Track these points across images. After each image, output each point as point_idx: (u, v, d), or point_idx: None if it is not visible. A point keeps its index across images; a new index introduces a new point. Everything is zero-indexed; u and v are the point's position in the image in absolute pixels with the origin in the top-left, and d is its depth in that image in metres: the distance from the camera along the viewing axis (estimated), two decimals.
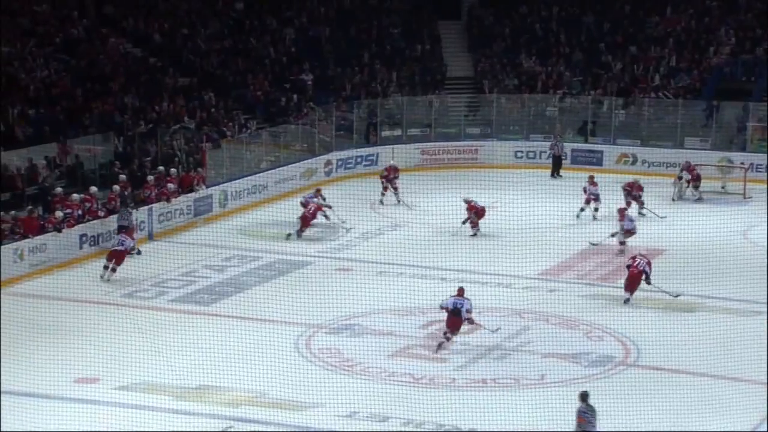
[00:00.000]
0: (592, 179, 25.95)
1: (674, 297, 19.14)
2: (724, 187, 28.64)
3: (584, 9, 36.84)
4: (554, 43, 36.08)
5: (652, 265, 19.32)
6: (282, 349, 16.68)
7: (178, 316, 18.64)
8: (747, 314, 18.66)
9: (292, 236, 23.82)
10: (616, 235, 22.49)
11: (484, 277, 20.51)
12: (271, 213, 25.72)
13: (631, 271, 19.26)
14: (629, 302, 19.25)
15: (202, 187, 25.63)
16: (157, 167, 25.34)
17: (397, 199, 26.91)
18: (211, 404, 14.93)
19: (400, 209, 26.58)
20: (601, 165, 31.15)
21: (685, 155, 29.84)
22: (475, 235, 23.76)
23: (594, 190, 25.67)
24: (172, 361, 16.09)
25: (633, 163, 31.31)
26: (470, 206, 23.94)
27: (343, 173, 30.09)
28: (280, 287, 20.14)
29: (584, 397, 13.00)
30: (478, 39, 36.88)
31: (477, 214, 23.91)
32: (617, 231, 22.59)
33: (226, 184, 26.53)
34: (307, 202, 24.41)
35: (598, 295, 19.99)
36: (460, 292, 17.25)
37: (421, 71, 35.18)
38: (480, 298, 19.17)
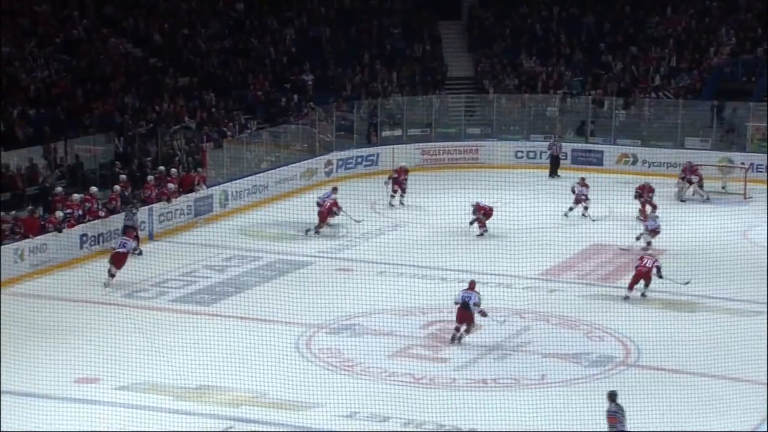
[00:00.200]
0: (584, 180, 25.97)
1: (684, 284, 19.34)
2: (724, 188, 28.63)
3: (584, 9, 36.84)
4: (554, 43, 36.08)
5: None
6: (282, 350, 16.69)
7: (179, 317, 18.64)
8: (747, 314, 18.67)
9: (311, 233, 23.93)
10: (642, 237, 22.52)
11: (484, 277, 20.44)
12: (271, 213, 25.73)
13: (639, 270, 19.45)
14: (629, 299, 19.37)
15: (203, 187, 25.64)
16: (158, 167, 25.34)
17: (400, 201, 26.80)
18: (212, 404, 14.94)
19: (399, 210, 26.54)
20: (602, 165, 31.17)
21: (685, 155, 29.88)
22: (482, 235, 23.69)
23: (584, 191, 25.71)
24: (173, 361, 16.09)
25: (633, 164, 31.31)
26: (478, 207, 23.88)
27: (343, 173, 30.08)
28: (281, 287, 20.14)
29: (613, 397, 12.95)
30: (479, 39, 36.89)
31: (486, 214, 23.84)
32: (642, 232, 22.63)
33: (227, 184, 26.54)
34: (324, 201, 24.50)
35: (599, 295, 19.99)
36: (471, 285, 17.41)
37: (422, 71, 35.19)
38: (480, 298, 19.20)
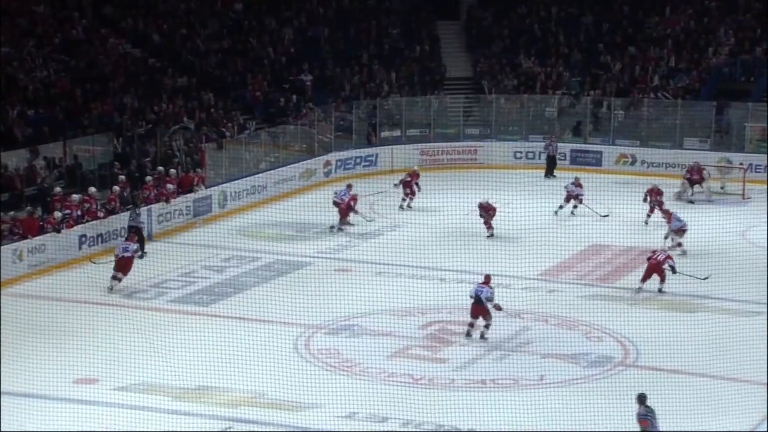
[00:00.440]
0: (578, 180, 26.06)
1: (703, 279, 19.58)
2: (723, 188, 28.65)
3: (583, 9, 36.83)
4: (553, 43, 36.07)
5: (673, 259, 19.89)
6: (281, 350, 16.69)
7: (178, 317, 18.63)
8: (746, 314, 18.68)
9: (335, 229, 24.13)
10: (668, 237, 22.57)
11: (482, 278, 20.46)
12: (270, 213, 25.73)
13: (651, 263, 19.71)
14: (640, 291, 19.67)
15: (202, 188, 25.63)
16: (157, 168, 25.33)
17: (408, 204, 26.61)
18: (211, 405, 14.94)
19: (399, 211, 26.52)
20: (601, 165, 31.17)
21: (684, 156, 29.92)
22: (491, 236, 23.64)
23: (577, 191, 25.76)
24: (171, 361, 16.09)
25: (632, 164, 31.32)
26: (483, 207, 23.80)
27: (342, 174, 30.04)
28: (280, 288, 20.14)
29: (642, 400, 12.90)
30: (477, 39, 36.88)
31: (487, 212, 23.72)
32: (668, 233, 22.68)
33: (226, 185, 26.53)
34: (342, 199, 24.69)
35: (598, 295, 20.00)
36: (487, 279, 17.49)
37: (420, 71, 35.18)
38: None
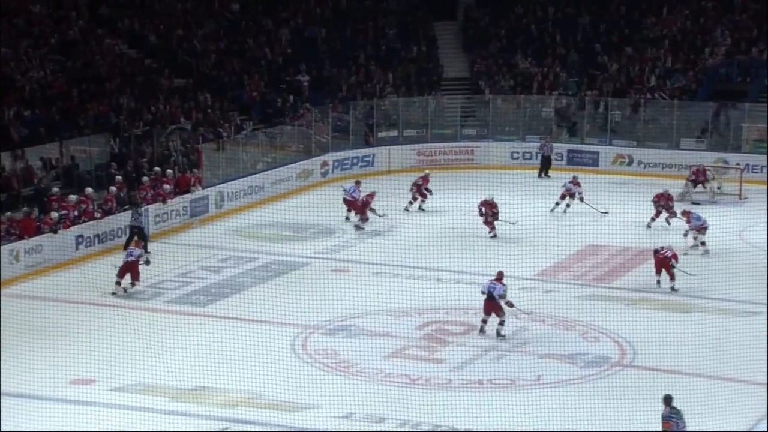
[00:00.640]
0: (576, 179, 26.18)
1: (690, 275, 19.90)
2: (720, 188, 28.68)
3: (580, 10, 36.84)
4: (550, 43, 36.08)
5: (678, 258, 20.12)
6: (278, 350, 16.68)
7: (175, 318, 18.62)
8: (742, 315, 18.71)
9: (360, 228, 24.26)
10: (689, 234, 22.69)
11: (480, 278, 20.41)
12: (267, 214, 25.73)
13: (658, 258, 20.00)
14: (660, 284, 19.96)
15: (198, 188, 25.63)
16: (153, 168, 25.32)
17: (419, 207, 26.48)
18: (208, 405, 14.93)
19: (397, 212, 26.52)
20: (597, 166, 31.18)
21: (681, 156, 29.98)
22: (495, 236, 23.63)
23: (575, 189, 25.87)
24: (168, 362, 16.09)
25: (629, 164, 31.34)
26: (487, 204, 23.71)
27: (339, 174, 30.05)
28: (277, 288, 20.13)
29: (668, 401, 12.89)
30: (474, 40, 36.88)
31: (494, 210, 23.63)
32: (686, 231, 22.78)
33: (223, 185, 26.52)
34: (352, 197, 24.86)
35: (595, 296, 20.02)
36: (499, 276, 17.61)
37: (417, 72, 35.17)
38: (475, 299, 19.18)
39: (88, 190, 22.99)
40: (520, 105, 33.50)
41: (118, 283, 19.72)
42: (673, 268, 19.89)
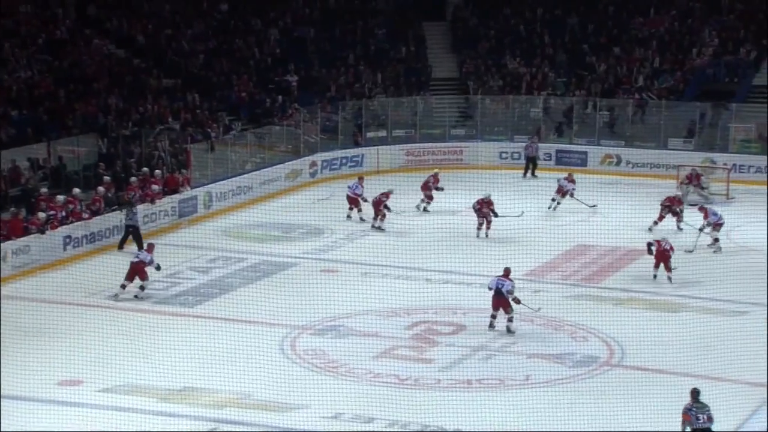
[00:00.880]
0: (571, 176, 26.33)
1: (672, 269, 20.35)
2: (706, 188, 28.77)
3: (568, 10, 36.91)
4: (538, 44, 36.15)
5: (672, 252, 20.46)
6: (267, 351, 16.65)
7: (163, 318, 18.58)
8: (730, 314, 18.77)
9: (381, 229, 24.30)
10: (705, 229, 22.82)
11: (468, 278, 20.52)
12: (256, 214, 25.69)
13: (657, 250, 20.35)
14: (657, 278, 20.39)
15: (187, 189, 25.57)
16: (142, 168, 25.26)
17: (425, 208, 26.45)
18: (196, 406, 14.90)
19: (386, 212, 26.52)
20: (586, 165, 31.26)
21: (668, 156, 30.11)
22: (487, 236, 23.61)
23: (570, 186, 25.92)
24: (157, 363, 16.03)
25: (617, 164, 31.43)
26: (485, 202, 23.70)
27: (328, 174, 30.05)
28: (265, 289, 20.10)
29: (694, 394, 12.95)
30: (463, 40, 36.91)
31: (491, 207, 23.63)
32: (703, 225, 22.91)
33: (211, 186, 26.47)
34: (355, 194, 24.97)
35: (583, 295, 20.05)
36: (506, 272, 17.69)
37: (406, 72, 35.19)
38: (464, 299, 19.23)
39: (76, 191, 22.93)
40: (508, 105, 33.55)
41: (123, 286, 19.45)
42: (669, 259, 20.23)
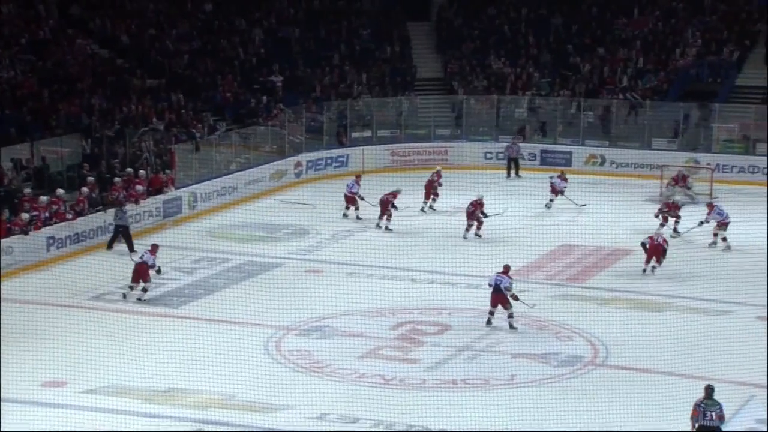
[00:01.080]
0: (563, 174, 26.55)
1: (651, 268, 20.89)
2: (690, 188, 28.89)
3: (552, 11, 37.02)
4: (523, 44, 36.23)
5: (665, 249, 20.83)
6: (251, 352, 16.64)
7: (147, 319, 18.52)
8: (713, 313, 18.85)
9: (388, 229, 24.26)
10: (707, 223, 23.04)
11: (453, 278, 20.55)
12: (240, 215, 25.64)
13: (651, 244, 20.70)
14: (646, 272, 20.78)
15: (171, 189, 25.49)
16: (126, 169, 25.17)
17: (430, 206, 26.31)
18: (180, 407, 14.87)
19: (370, 211, 26.50)
20: (570, 165, 31.32)
21: (652, 156, 30.25)
22: (479, 236, 23.63)
23: (563, 185, 26.05)
24: (141, 364, 16.01)
25: (602, 164, 31.53)
26: (478, 204, 23.69)
27: (313, 174, 30.03)
28: (250, 289, 20.08)
29: (708, 391, 13.04)
30: (448, 40, 36.96)
31: (481, 208, 23.65)
32: (705, 219, 23.15)
33: (195, 186, 26.41)
34: (351, 193, 25.11)
35: (568, 295, 20.10)
36: (506, 269, 17.83)
37: (391, 72, 35.20)
38: (449, 299, 19.26)
39: (60, 191, 22.82)
40: (493, 105, 33.61)
41: (131, 288, 19.38)
42: (665, 253, 20.54)
